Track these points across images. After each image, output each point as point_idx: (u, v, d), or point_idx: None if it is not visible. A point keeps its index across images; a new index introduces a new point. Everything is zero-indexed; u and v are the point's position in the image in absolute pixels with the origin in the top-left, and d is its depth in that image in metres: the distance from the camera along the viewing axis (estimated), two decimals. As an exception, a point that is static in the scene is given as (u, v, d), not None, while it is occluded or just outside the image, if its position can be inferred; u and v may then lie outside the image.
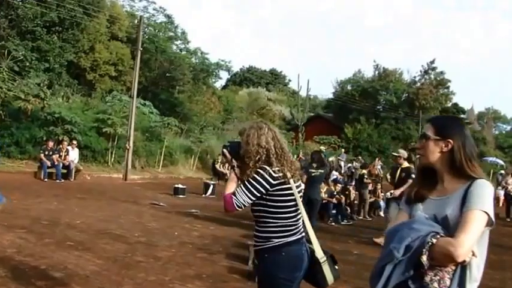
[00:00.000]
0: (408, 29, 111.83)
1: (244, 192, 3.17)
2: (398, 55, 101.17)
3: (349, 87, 42.85)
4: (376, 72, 41.80)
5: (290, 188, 3.21)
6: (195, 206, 13.61)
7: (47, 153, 17.14)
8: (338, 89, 42.89)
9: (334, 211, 13.51)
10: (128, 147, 19.77)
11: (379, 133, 38.93)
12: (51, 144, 17.37)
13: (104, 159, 21.79)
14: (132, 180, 19.60)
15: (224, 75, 53.84)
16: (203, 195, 16.72)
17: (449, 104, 41.42)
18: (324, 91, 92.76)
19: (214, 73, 34.99)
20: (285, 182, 3.21)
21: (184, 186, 16.12)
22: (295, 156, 27.74)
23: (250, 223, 3.78)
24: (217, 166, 22.89)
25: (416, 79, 42.27)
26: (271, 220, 3.22)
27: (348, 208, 14.77)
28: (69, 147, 18.00)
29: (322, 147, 28.19)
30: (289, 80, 60.19)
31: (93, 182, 17.64)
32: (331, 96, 47.41)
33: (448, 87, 41.09)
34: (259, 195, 3.18)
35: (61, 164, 17.11)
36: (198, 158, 25.96)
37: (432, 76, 41.15)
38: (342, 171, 27.23)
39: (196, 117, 35.07)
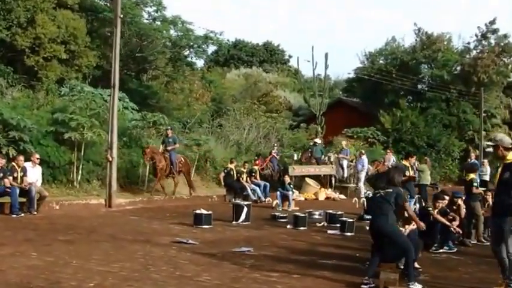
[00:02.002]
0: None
1: None
2: (444, 15, 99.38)
3: (381, 61, 41.37)
4: (418, 39, 40.34)
5: None
6: (236, 241, 12.31)
7: (-6, 174, 15.13)
8: (367, 64, 41.38)
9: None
10: (109, 158, 17.98)
11: (426, 121, 37.59)
12: (1, 162, 15.37)
13: (67, 177, 19.91)
14: (120, 206, 18.14)
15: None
16: (234, 222, 15.39)
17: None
18: (340, 69, 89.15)
19: (202, 49, 33.15)
20: None
21: (209, 212, 14.49)
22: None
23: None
24: (241, 179, 21.88)
25: (471, 46, 41.15)
26: None
27: (457, 229, 13.04)
28: (27, 164, 16.18)
29: (318, 140, 26.71)
30: (290, 56, 58.76)
31: (66, 214, 16.00)
32: (351, 75, 46.03)
33: (515, 55, 39.95)
34: None
35: (17, 190, 15.07)
36: (196, 168, 24.17)
37: (493, 41, 39.91)
38: (345, 175, 25.99)
39: (178, 111, 33.41)
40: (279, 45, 58.80)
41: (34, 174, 16.21)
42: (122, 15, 19.78)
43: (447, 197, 12.86)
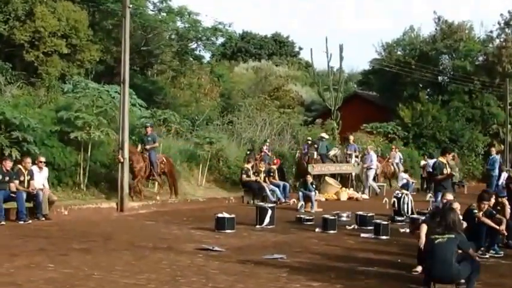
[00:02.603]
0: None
1: None
2: (463, 2, 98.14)
3: (399, 52, 40.86)
4: (438, 28, 39.80)
5: None
6: (265, 247, 12.00)
7: (0, 177, 14.73)
8: (384, 55, 40.88)
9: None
10: (120, 159, 17.55)
11: (448, 115, 37.05)
12: (8, 164, 15.03)
13: (74, 180, 19.51)
14: (132, 210, 17.76)
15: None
16: (258, 226, 15.01)
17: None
18: (353, 61, 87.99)
19: (211, 41, 32.75)
20: None
21: (232, 216, 14.09)
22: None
23: None
24: (244, 176, 21.36)
25: (494, 34, 40.47)
26: None
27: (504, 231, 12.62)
28: (34, 168, 15.86)
29: (324, 134, 26.13)
30: (300, 48, 58.35)
31: (76, 219, 15.64)
32: (365, 67, 45.58)
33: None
34: None
35: (24, 195, 14.71)
36: (209, 168, 23.78)
37: (517, 29, 39.28)
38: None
39: (185, 107, 33.01)
40: (288, 37, 58.46)
41: (41, 177, 15.85)
42: (130, 6, 19.33)
43: (493, 197, 12.42)
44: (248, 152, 23.23)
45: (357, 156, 26.24)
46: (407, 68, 38.22)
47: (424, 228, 9.32)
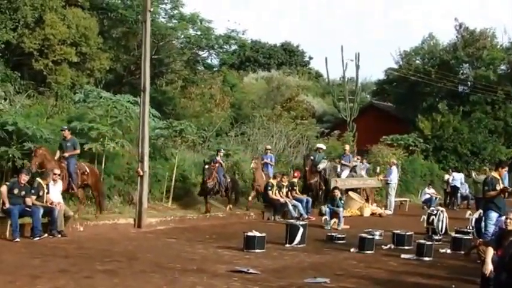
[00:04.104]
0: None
1: None
2: (484, 8, 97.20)
3: (417, 61, 40.32)
4: (459, 36, 39.25)
5: None
6: (302, 269, 11.37)
7: (16, 192, 14.14)
8: (402, 63, 40.34)
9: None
10: (140, 172, 16.98)
11: (470, 126, 36.46)
12: (24, 178, 14.43)
13: (86, 193, 18.92)
14: (150, 226, 17.15)
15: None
16: (288, 245, 14.37)
17: None
18: (367, 71, 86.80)
19: (225, 49, 32.25)
20: None
21: (263, 234, 13.45)
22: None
23: None
24: (270, 193, 20.44)
25: (517, 41, 39.80)
26: None
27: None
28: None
29: (321, 145, 25.11)
30: (310, 58, 57.83)
31: (93, 236, 15.01)
32: (379, 76, 45.05)
33: None
34: None
35: (41, 210, 14.14)
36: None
37: (542, 36, 38.84)
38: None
39: (195, 118, 32.48)
40: (298, 46, 57.91)
41: (56, 191, 15.27)
42: (151, 9, 18.80)
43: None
44: (206, 166, 20.11)
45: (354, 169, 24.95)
46: (426, 78, 37.65)
47: (490, 252, 8.62)
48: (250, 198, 21.44)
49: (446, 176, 29.04)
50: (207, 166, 19.90)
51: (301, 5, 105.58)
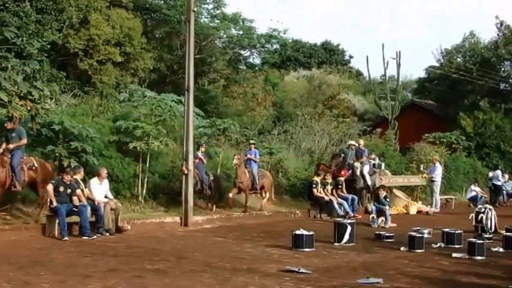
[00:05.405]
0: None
1: None
2: None
3: (458, 59, 39.46)
4: (500, 33, 38.30)
5: None
6: (353, 268, 10.96)
7: (61, 190, 14.02)
8: (444, 61, 39.53)
9: None
10: (185, 170, 16.79)
11: (512, 124, 35.63)
12: (68, 177, 14.27)
13: (132, 192, 18.86)
14: (197, 224, 16.99)
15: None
16: (336, 244, 13.98)
17: None
18: (407, 69, 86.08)
19: (266, 49, 32.02)
20: None
21: (312, 233, 13.09)
22: None
23: None
24: (315, 191, 19.94)
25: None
26: None
27: None
28: (94, 180, 15.35)
29: (353, 142, 23.97)
30: (351, 57, 57.29)
31: (141, 235, 14.85)
32: (420, 74, 44.28)
33: None
34: None
35: (89, 209, 14.01)
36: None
37: None
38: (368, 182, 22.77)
39: (238, 117, 32.33)
40: (338, 45, 57.36)
41: (102, 190, 15.22)
42: (195, 9, 18.56)
43: None
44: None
45: (374, 165, 23.85)
46: (468, 76, 36.86)
47: None
48: (230, 195, 19.76)
49: (490, 174, 28.44)
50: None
51: (341, 4, 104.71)
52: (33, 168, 14.60)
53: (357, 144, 23.63)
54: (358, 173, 22.08)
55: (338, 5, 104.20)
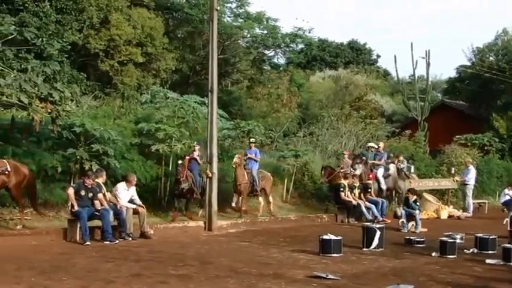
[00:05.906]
0: None
1: None
2: None
3: (491, 58, 39.13)
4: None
5: None
6: (383, 274, 10.91)
7: (83, 194, 14.11)
8: (475, 60, 39.23)
9: None
10: (209, 173, 16.84)
11: (546, 125, 35.30)
12: (90, 180, 14.39)
13: (154, 196, 18.87)
14: (221, 229, 17.05)
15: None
16: (365, 249, 13.93)
17: None
18: (435, 69, 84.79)
19: (291, 48, 32.05)
20: None
21: (339, 238, 13.05)
22: None
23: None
24: (342, 194, 19.92)
25: None
26: None
27: None
28: (121, 185, 15.48)
29: (372, 144, 23.68)
30: (378, 56, 57.08)
31: (164, 239, 14.91)
32: (450, 74, 43.95)
33: None
34: None
35: (111, 213, 14.11)
36: (294, 182, 22.87)
37: None
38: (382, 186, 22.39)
39: (262, 118, 32.37)
40: (365, 44, 57.22)
41: (127, 194, 15.33)
42: (218, 8, 18.59)
43: None
44: (180, 162, 18.01)
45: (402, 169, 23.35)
46: (501, 74, 36.51)
47: None
48: (233, 204, 19.18)
49: (526, 177, 28.14)
50: (180, 162, 17.82)
51: (369, 2, 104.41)
52: (6, 172, 13.77)
53: (376, 146, 23.43)
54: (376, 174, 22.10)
55: (365, 3, 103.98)
